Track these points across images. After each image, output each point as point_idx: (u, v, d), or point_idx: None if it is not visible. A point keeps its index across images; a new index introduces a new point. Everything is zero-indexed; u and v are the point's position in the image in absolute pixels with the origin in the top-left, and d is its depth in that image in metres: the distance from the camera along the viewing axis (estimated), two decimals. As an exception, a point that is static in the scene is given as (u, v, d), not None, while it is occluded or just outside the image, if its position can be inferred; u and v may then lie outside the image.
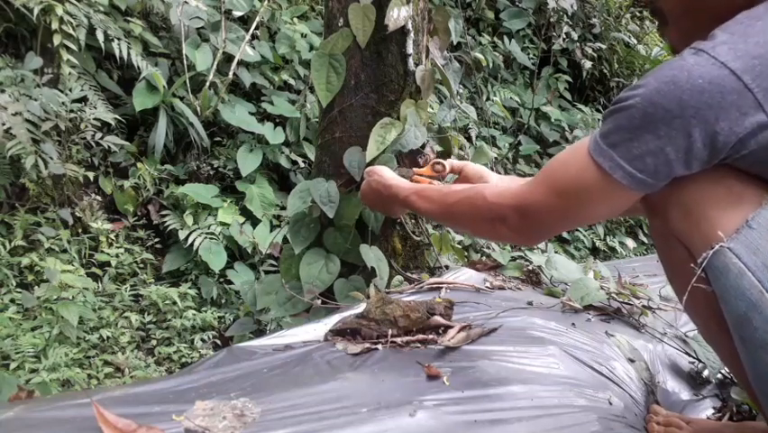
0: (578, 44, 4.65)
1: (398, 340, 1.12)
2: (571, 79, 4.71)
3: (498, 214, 0.97)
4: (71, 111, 2.50)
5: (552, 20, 4.31)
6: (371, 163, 1.79)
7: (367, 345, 1.10)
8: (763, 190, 0.79)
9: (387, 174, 1.29)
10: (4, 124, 2.26)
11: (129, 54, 2.69)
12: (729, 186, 0.79)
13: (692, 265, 0.81)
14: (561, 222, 0.92)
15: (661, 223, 0.88)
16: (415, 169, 1.41)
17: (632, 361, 1.23)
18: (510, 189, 0.96)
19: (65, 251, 2.44)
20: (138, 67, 2.74)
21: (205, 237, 2.69)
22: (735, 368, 0.93)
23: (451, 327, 1.17)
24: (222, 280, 2.71)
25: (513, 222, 0.94)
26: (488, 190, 1.00)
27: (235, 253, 2.82)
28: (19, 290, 2.24)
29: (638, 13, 5.36)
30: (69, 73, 2.50)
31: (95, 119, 2.56)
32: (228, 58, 2.98)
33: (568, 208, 0.89)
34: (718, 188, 0.79)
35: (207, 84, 2.87)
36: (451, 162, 1.37)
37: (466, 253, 2.31)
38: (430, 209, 1.13)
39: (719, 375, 1.28)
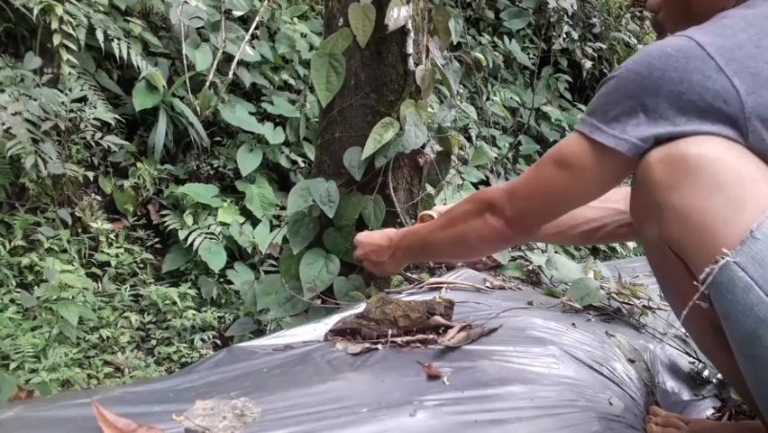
0: (578, 44, 4.65)
1: (398, 340, 1.12)
2: (571, 79, 4.71)
3: (488, 199, 1.00)
4: (71, 111, 2.50)
5: (552, 20, 4.31)
6: (368, 160, 1.79)
7: (367, 344, 1.10)
8: (765, 197, 0.76)
9: (375, 233, 1.35)
10: (3, 124, 2.26)
11: (129, 54, 2.69)
12: (728, 193, 0.76)
13: (695, 283, 0.77)
14: (549, 202, 0.94)
15: (655, 231, 0.84)
16: None
17: (632, 361, 1.23)
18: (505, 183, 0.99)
19: (65, 251, 2.44)
20: (138, 67, 2.73)
21: (205, 237, 2.69)
22: (733, 377, 0.92)
23: (451, 326, 1.17)
24: (222, 280, 2.71)
25: (501, 206, 0.97)
26: (486, 190, 1.03)
27: (235, 253, 2.82)
28: (19, 289, 2.23)
29: (638, 13, 5.36)
30: (69, 73, 2.50)
31: (94, 119, 2.56)
32: (228, 57, 2.98)
33: (555, 185, 0.92)
34: (717, 195, 0.76)
35: (207, 84, 2.87)
36: (438, 210, 1.42)
37: (466, 253, 2.30)
38: (429, 229, 1.15)
39: (719, 375, 1.28)
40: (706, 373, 1.30)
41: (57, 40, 2.45)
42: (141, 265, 2.63)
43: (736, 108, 0.77)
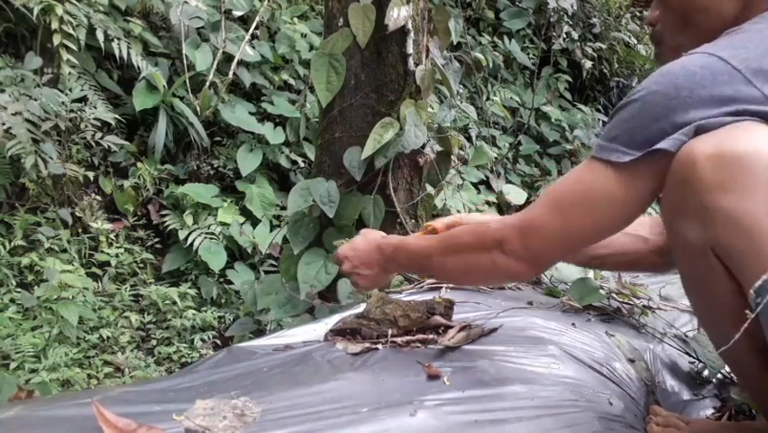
0: (578, 44, 4.65)
1: (399, 340, 1.12)
2: (571, 79, 4.71)
3: (497, 239, 0.92)
4: (71, 111, 2.50)
5: (552, 20, 4.31)
6: (368, 160, 1.79)
7: (367, 344, 1.10)
8: None
9: (359, 244, 1.21)
10: (4, 124, 2.26)
11: (129, 54, 2.69)
12: None
13: (750, 291, 0.72)
14: (566, 238, 0.88)
15: (698, 235, 0.78)
16: None
17: (632, 361, 1.23)
18: (514, 214, 0.93)
19: (65, 251, 2.44)
20: (138, 67, 2.73)
21: (205, 237, 2.69)
22: (760, 393, 0.89)
23: (451, 326, 1.17)
24: (222, 280, 2.71)
25: (513, 246, 0.90)
26: (494, 221, 0.96)
27: (235, 253, 2.82)
28: (19, 289, 2.23)
29: (638, 13, 5.36)
30: (69, 73, 2.50)
31: (95, 119, 2.56)
32: (228, 57, 2.98)
33: (580, 226, 0.86)
34: None
35: (207, 84, 2.87)
36: (443, 221, 1.30)
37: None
38: (428, 252, 1.07)
39: (719, 375, 1.28)
40: (706, 372, 1.30)
41: (57, 40, 2.45)
42: (142, 265, 2.63)
43: None
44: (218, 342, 2.39)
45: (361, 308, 1.21)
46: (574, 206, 0.86)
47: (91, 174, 2.61)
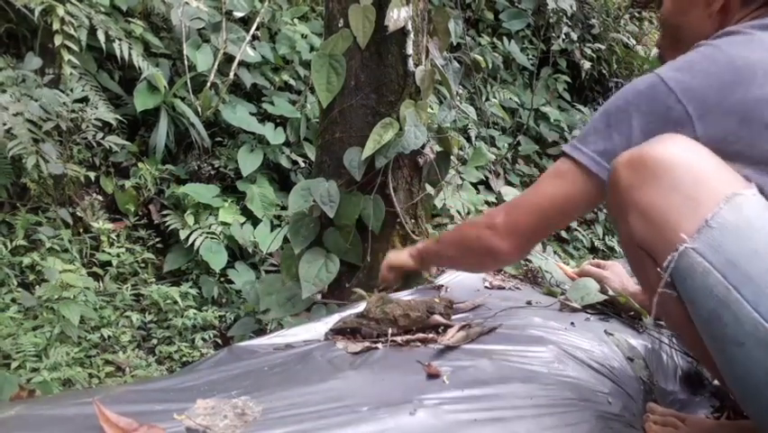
0: (577, 45, 4.65)
1: (398, 339, 1.12)
2: (570, 80, 4.71)
3: (487, 215, 1.15)
4: (72, 111, 2.50)
5: (551, 21, 4.31)
6: (368, 160, 1.79)
7: (367, 343, 1.10)
8: (720, 192, 0.83)
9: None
10: (5, 125, 2.26)
11: (130, 55, 2.69)
12: (684, 192, 0.84)
13: (659, 270, 0.85)
14: (541, 213, 1.08)
15: (625, 229, 0.92)
16: None
17: (630, 360, 1.24)
18: None
19: (66, 250, 2.44)
20: (139, 67, 2.74)
21: (206, 237, 2.70)
22: (707, 363, 0.99)
23: (450, 326, 1.17)
24: (222, 279, 2.72)
25: (497, 219, 1.12)
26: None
27: (236, 253, 2.82)
28: (20, 289, 2.24)
29: (637, 14, 5.37)
30: (71, 73, 2.51)
31: (96, 119, 2.56)
32: (229, 58, 2.98)
33: (546, 196, 1.06)
34: (675, 194, 0.84)
35: (208, 84, 2.87)
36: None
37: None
38: (445, 235, 1.36)
39: (718, 375, 1.29)
40: (704, 371, 1.30)
41: (58, 40, 2.46)
42: (143, 265, 2.63)
43: (689, 133, 0.91)
44: (219, 341, 2.39)
45: (362, 307, 1.22)
46: (545, 184, 1.08)
47: (92, 174, 2.61)
